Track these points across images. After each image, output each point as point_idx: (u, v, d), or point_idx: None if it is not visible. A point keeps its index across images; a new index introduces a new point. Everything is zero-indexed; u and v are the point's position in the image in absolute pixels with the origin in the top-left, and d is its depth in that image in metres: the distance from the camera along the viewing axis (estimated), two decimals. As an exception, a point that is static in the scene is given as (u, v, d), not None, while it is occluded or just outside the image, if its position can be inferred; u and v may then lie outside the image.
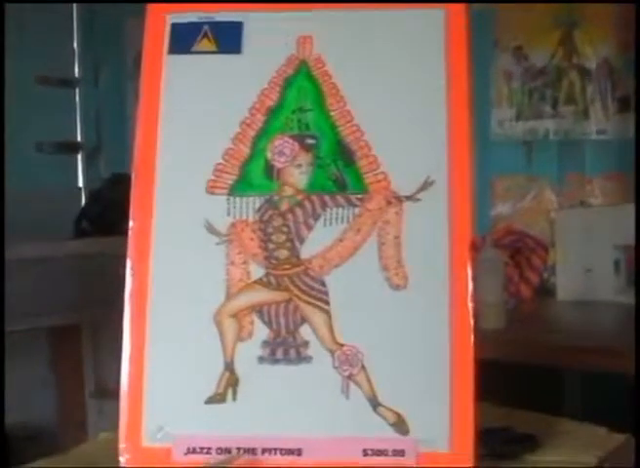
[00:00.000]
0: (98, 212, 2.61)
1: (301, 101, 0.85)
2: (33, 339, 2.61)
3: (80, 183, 3.14)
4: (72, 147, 3.14)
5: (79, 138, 3.15)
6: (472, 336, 0.79)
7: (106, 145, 3.17)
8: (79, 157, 3.15)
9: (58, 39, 3.07)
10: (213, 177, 0.84)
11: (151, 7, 0.90)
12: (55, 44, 3.05)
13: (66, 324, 2.58)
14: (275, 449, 0.78)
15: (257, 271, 0.82)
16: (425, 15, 0.87)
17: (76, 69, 3.15)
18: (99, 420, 2.54)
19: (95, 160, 3.17)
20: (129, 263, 0.83)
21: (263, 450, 0.78)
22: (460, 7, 0.86)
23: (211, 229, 0.82)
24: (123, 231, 0.85)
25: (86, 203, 2.89)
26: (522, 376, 1.69)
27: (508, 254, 2.06)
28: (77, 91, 3.15)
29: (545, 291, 2.17)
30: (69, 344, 2.73)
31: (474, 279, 0.81)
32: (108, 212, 2.44)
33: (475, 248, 1.75)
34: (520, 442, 0.88)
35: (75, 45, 3.14)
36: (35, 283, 2.31)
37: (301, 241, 0.82)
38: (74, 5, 3.11)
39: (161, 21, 0.89)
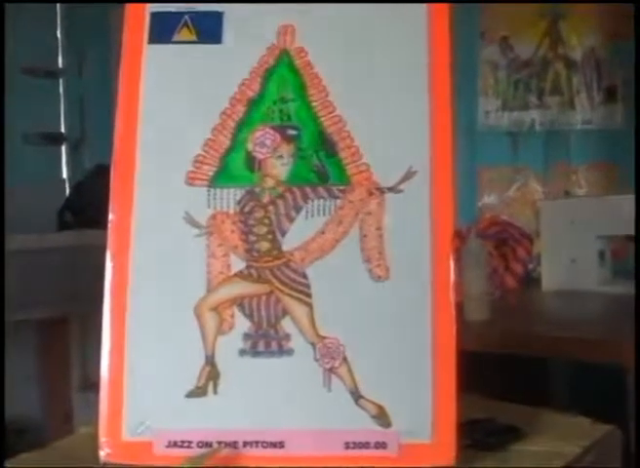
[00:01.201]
0: (81, 203, 2.60)
1: (283, 92, 0.85)
2: (19, 332, 2.59)
3: (64, 175, 3.12)
4: (56, 138, 3.12)
5: (63, 130, 3.13)
6: (454, 328, 0.78)
7: (91, 136, 3.15)
8: (63, 148, 3.13)
9: (41, 29, 3.05)
10: (192, 169, 0.83)
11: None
12: (38, 34, 3.03)
13: (53, 317, 2.57)
14: (257, 443, 0.78)
15: (237, 263, 0.81)
16: (408, 5, 0.86)
17: (60, 59, 3.13)
18: (86, 414, 2.53)
19: (79, 151, 3.15)
20: (108, 256, 0.82)
21: (245, 444, 0.78)
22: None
23: (191, 221, 0.82)
24: (107, 223, 0.84)
25: (69, 195, 2.87)
26: (507, 367, 1.69)
27: (493, 245, 2.05)
28: (61, 81, 3.12)
29: (530, 281, 2.17)
30: (56, 337, 2.72)
31: (457, 270, 0.80)
32: (92, 203, 2.42)
33: (460, 238, 1.75)
34: (503, 433, 0.88)
35: (59, 34, 3.12)
36: (20, 275, 2.29)
37: (283, 233, 0.81)
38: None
39: (141, 11, 0.88)
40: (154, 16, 0.88)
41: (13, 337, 2.52)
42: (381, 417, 0.77)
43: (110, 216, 0.83)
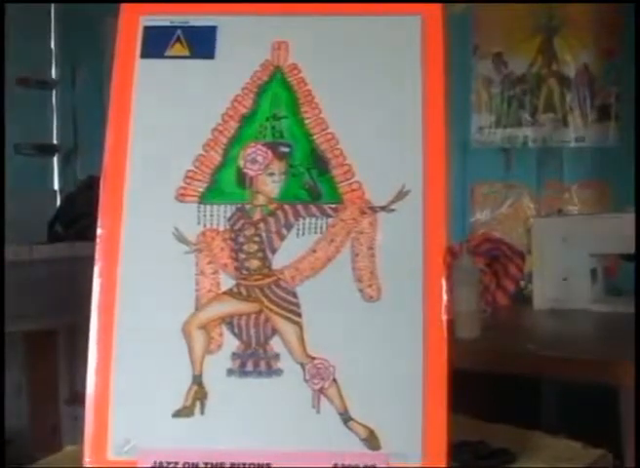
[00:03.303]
0: (72, 215, 2.58)
1: (275, 108, 0.84)
2: (7, 344, 2.57)
3: (56, 186, 3.11)
4: (48, 149, 3.11)
5: (55, 140, 3.12)
6: (446, 350, 0.77)
7: (83, 147, 3.13)
8: (55, 159, 3.12)
9: (34, 40, 3.04)
10: (183, 185, 0.82)
11: (125, 8, 0.88)
12: (31, 45, 3.02)
13: (42, 329, 2.55)
14: (243, 464, 0.76)
15: (227, 281, 0.80)
16: (402, 21, 0.85)
17: (53, 70, 3.12)
18: (73, 427, 2.51)
19: (71, 162, 3.14)
20: (96, 271, 0.81)
21: (232, 465, 0.76)
22: (437, 11, 0.85)
23: (180, 238, 0.81)
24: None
25: (60, 206, 2.85)
26: (497, 386, 1.68)
27: (485, 262, 2.05)
28: (54, 92, 3.11)
29: (522, 299, 2.16)
30: (44, 350, 2.70)
31: (449, 289, 0.79)
32: (83, 215, 2.41)
33: (451, 254, 1.74)
34: (494, 456, 0.87)
35: (52, 45, 3.11)
36: (9, 287, 2.27)
37: (273, 251, 0.80)
38: (52, 5, 3.08)
39: (134, 24, 0.87)
40: (147, 30, 0.87)
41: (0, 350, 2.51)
42: (371, 440, 0.76)
43: (99, 231, 0.82)
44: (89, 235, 0.85)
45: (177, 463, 0.77)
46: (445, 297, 0.78)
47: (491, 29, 2.64)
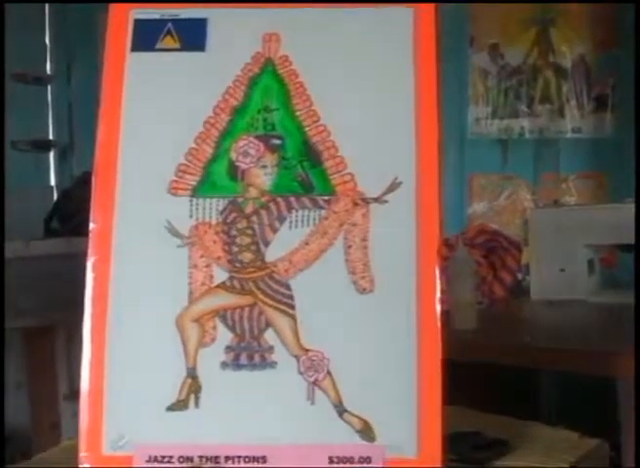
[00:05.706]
0: (68, 211, 2.58)
1: (267, 101, 0.84)
2: (6, 341, 2.57)
3: (52, 182, 3.10)
4: (45, 145, 3.10)
5: (51, 136, 3.11)
6: (440, 341, 0.77)
7: (79, 143, 3.13)
8: (51, 155, 3.11)
9: (29, 35, 3.03)
10: (175, 178, 0.82)
11: (114, 4, 0.88)
12: (26, 40, 3.01)
13: (40, 325, 2.55)
14: (239, 457, 0.76)
15: (220, 275, 0.80)
16: (394, 13, 0.85)
17: (48, 66, 3.11)
18: (73, 423, 2.51)
19: (67, 158, 3.14)
20: (89, 266, 0.81)
21: (227, 458, 0.76)
22: (430, 4, 0.85)
23: (173, 231, 0.80)
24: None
25: (56, 202, 2.85)
26: (494, 377, 1.68)
27: (482, 254, 2.04)
28: (49, 88, 3.11)
29: (519, 290, 2.16)
30: (43, 346, 2.69)
31: (445, 280, 0.79)
32: (79, 211, 2.40)
33: (448, 246, 1.74)
34: (491, 447, 0.87)
35: (47, 41, 3.10)
36: (7, 283, 2.27)
37: (266, 244, 0.80)
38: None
39: (124, 18, 0.87)
40: (137, 23, 0.87)
41: (-2, 346, 2.50)
42: (366, 432, 0.76)
43: (91, 226, 0.82)
44: (85, 231, 0.85)
45: (171, 457, 0.77)
46: (439, 288, 0.78)
47: (487, 21, 2.64)
